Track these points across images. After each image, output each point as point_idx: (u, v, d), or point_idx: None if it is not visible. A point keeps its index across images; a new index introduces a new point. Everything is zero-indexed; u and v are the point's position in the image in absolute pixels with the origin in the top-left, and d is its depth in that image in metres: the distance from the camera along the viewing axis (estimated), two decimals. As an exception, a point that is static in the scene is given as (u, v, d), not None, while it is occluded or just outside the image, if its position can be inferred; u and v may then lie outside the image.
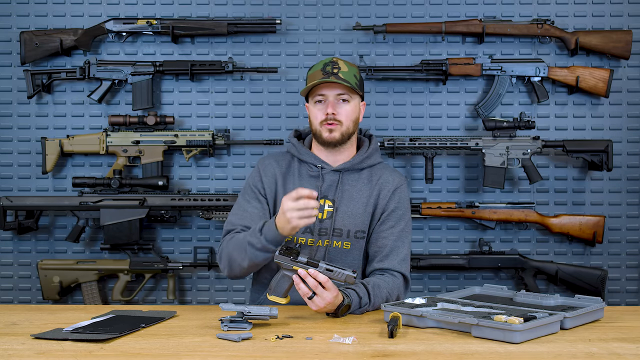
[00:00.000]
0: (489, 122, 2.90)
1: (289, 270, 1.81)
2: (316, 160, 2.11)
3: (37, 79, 2.97)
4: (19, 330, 1.71)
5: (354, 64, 2.13)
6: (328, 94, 2.06)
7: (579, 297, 1.85)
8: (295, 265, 1.80)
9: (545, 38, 2.99)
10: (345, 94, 2.06)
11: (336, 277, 1.79)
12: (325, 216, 2.07)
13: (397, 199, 2.12)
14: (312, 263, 1.79)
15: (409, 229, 2.13)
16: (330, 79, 2.02)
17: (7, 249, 3.07)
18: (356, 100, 2.10)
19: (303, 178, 2.11)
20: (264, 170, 2.14)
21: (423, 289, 3.07)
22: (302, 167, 2.13)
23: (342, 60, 2.09)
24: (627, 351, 1.49)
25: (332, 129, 2.06)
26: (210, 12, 3.05)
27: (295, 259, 1.80)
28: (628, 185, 3.05)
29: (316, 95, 2.07)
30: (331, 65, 2.06)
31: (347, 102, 2.07)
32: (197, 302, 3.08)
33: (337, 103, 2.06)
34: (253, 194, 2.11)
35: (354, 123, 2.10)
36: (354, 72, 2.09)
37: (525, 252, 3.01)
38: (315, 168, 2.11)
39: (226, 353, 1.49)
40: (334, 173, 2.11)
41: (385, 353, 1.48)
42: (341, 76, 2.03)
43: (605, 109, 3.04)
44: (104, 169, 3.04)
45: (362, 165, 2.14)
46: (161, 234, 3.07)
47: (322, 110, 2.06)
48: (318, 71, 2.06)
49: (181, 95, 3.06)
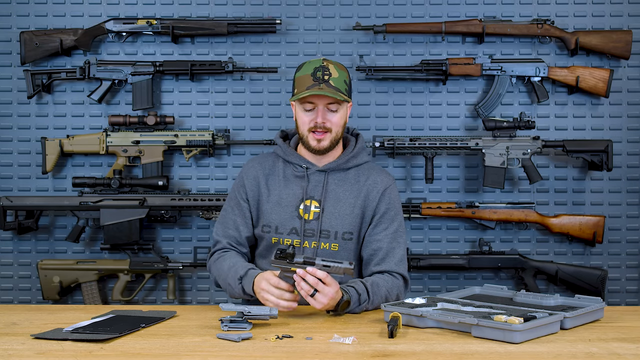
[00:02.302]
0: (489, 122, 2.90)
1: (287, 272, 1.82)
2: (301, 161, 2.11)
3: (37, 79, 2.97)
4: (19, 330, 1.71)
5: (343, 67, 2.09)
6: (318, 103, 2.04)
7: (579, 297, 1.85)
8: (293, 266, 1.80)
9: (545, 38, 2.99)
10: (335, 104, 2.05)
11: (334, 271, 1.79)
12: (312, 217, 2.07)
13: (387, 200, 2.11)
14: (308, 262, 1.80)
15: (402, 229, 2.12)
16: (321, 88, 1.99)
17: (7, 249, 3.07)
18: (345, 106, 2.09)
19: (288, 179, 2.11)
20: (246, 174, 2.15)
21: (423, 289, 3.07)
22: (287, 167, 2.13)
23: (332, 63, 2.06)
24: (627, 351, 1.49)
25: (321, 138, 2.05)
26: (210, 12, 3.05)
27: (291, 261, 1.81)
28: (628, 185, 3.05)
29: (305, 102, 2.05)
30: (322, 70, 2.02)
31: (337, 110, 2.06)
32: (197, 302, 3.09)
33: (326, 112, 2.05)
34: (236, 200, 2.14)
35: (342, 128, 2.10)
36: (344, 77, 2.06)
37: (525, 252, 3.01)
38: (301, 168, 2.11)
39: (226, 353, 1.50)
40: (319, 173, 2.10)
41: (385, 353, 1.48)
42: (332, 84, 2.01)
43: (605, 109, 3.04)
44: (104, 169, 3.05)
45: (348, 165, 2.13)
46: (161, 234, 3.07)
47: (311, 118, 2.05)
48: (307, 76, 2.03)
49: (181, 95, 3.06)
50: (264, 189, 2.11)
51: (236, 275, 1.96)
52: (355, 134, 2.23)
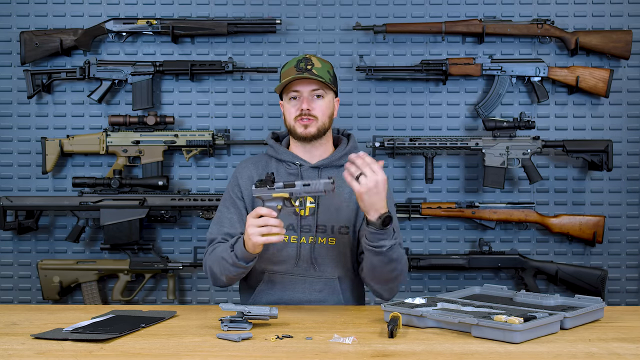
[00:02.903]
0: (489, 122, 2.90)
1: (269, 200, 1.83)
2: (294, 158, 2.12)
3: (37, 79, 2.97)
4: (19, 330, 1.71)
5: (327, 61, 2.13)
6: (302, 90, 2.06)
7: (579, 297, 1.85)
8: (274, 192, 1.81)
9: (545, 38, 2.99)
10: (319, 89, 2.07)
11: (314, 190, 1.80)
12: (308, 213, 2.07)
13: None
14: (288, 185, 1.82)
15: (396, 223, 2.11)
16: (304, 75, 2.03)
17: (7, 249, 3.07)
18: (330, 96, 2.11)
19: (281, 176, 2.11)
20: (240, 174, 2.15)
21: (423, 289, 3.07)
22: (281, 166, 2.14)
23: (316, 57, 2.10)
24: (627, 351, 1.49)
25: (308, 124, 2.07)
26: (210, 12, 3.05)
27: (271, 187, 1.82)
28: (628, 185, 3.05)
29: (290, 91, 2.08)
30: (305, 62, 2.06)
31: (322, 98, 2.08)
32: (197, 302, 3.09)
33: (311, 99, 2.07)
34: (231, 199, 2.13)
35: (329, 119, 2.11)
36: (327, 68, 2.10)
37: (525, 252, 3.01)
38: (294, 165, 2.11)
39: (226, 353, 1.49)
40: (312, 170, 2.11)
41: (385, 353, 1.48)
42: (315, 72, 2.04)
43: (605, 109, 3.04)
44: (104, 169, 3.05)
45: (341, 162, 2.13)
46: (161, 234, 3.07)
47: (297, 106, 2.07)
48: (292, 68, 2.07)
49: (181, 95, 3.06)
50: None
51: (227, 246, 1.95)
52: (346, 134, 2.23)
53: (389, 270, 1.94)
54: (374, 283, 2.01)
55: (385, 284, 2.00)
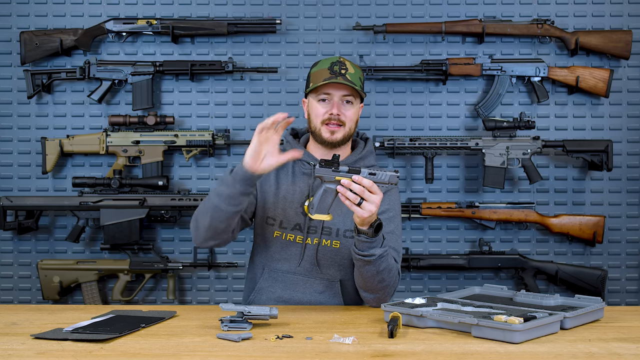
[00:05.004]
0: (489, 122, 2.90)
1: (331, 182, 1.80)
2: (310, 158, 2.12)
3: (37, 79, 2.97)
4: (19, 330, 1.71)
5: (358, 66, 2.12)
6: (334, 94, 2.05)
7: (579, 297, 1.85)
8: (338, 175, 1.79)
9: (545, 38, 2.99)
10: (350, 96, 2.06)
11: (380, 180, 1.78)
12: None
13: (387, 201, 2.10)
14: (354, 170, 1.79)
15: (399, 232, 2.12)
16: (338, 80, 2.02)
17: (7, 249, 3.07)
18: (358, 102, 2.11)
19: (296, 175, 2.12)
20: None
21: (423, 289, 3.07)
22: (296, 164, 2.13)
23: (349, 61, 2.09)
24: (627, 351, 1.49)
25: (335, 130, 2.06)
26: (210, 12, 3.05)
27: (337, 169, 1.79)
28: (628, 185, 3.05)
29: (321, 93, 2.06)
30: (339, 65, 2.05)
31: (351, 104, 2.07)
32: (197, 302, 3.09)
33: (342, 104, 2.06)
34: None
35: (355, 125, 2.11)
36: (359, 75, 2.09)
37: (525, 252, 3.01)
38: (309, 165, 2.11)
39: (226, 353, 1.49)
40: None
41: (385, 353, 1.48)
42: (349, 78, 2.04)
43: (605, 109, 3.04)
44: (104, 169, 3.05)
45: (357, 165, 2.13)
46: (161, 234, 3.07)
47: (327, 109, 2.06)
48: (324, 69, 2.05)
49: (181, 95, 3.06)
50: (274, 182, 2.12)
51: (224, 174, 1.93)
52: (364, 138, 2.23)
53: (378, 280, 1.94)
54: (362, 290, 2.02)
55: (374, 294, 2.00)
